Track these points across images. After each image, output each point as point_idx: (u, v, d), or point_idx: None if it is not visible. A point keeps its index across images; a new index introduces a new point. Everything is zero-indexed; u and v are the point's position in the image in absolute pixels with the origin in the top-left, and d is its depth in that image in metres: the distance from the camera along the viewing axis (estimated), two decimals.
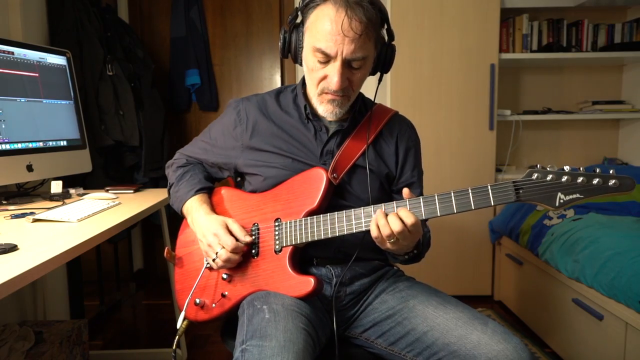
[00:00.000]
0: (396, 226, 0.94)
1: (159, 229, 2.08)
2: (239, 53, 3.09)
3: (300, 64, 1.12)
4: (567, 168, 0.87)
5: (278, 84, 3.12)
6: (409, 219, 0.94)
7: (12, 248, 1.02)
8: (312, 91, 1.11)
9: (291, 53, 1.11)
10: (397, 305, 1.10)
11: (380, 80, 1.16)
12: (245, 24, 3.08)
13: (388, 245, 0.97)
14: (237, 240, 1.08)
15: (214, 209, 1.21)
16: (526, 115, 2.85)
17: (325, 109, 1.10)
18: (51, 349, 1.60)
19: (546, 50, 2.79)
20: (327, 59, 1.03)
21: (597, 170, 0.84)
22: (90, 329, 2.18)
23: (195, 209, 1.17)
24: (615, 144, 3.07)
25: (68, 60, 1.87)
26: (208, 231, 1.10)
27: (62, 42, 2.15)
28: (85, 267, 2.28)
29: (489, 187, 0.91)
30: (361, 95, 1.21)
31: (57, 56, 1.82)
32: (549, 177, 0.87)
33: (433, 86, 2.61)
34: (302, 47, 1.09)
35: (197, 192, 1.21)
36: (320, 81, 1.07)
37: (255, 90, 3.09)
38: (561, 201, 0.86)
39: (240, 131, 1.19)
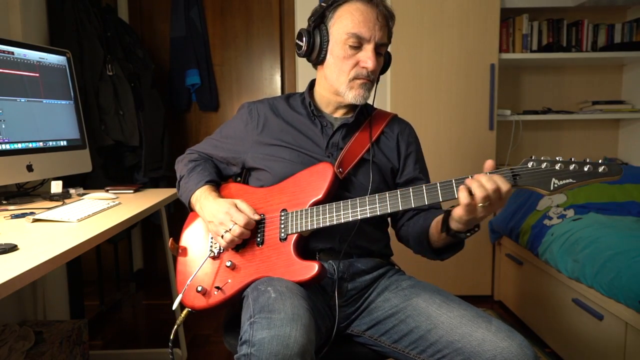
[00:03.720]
0: (490, 185, 0.91)
1: (159, 229, 2.08)
2: (239, 53, 3.09)
3: (321, 62, 1.21)
4: (559, 158, 0.92)
5: (278, 85, 3.12)
6: (505, 185, 0.92)
7: (12, 248, 1.02)
8: (342, 79, 1.18)
9: (315, 50, 1.19)
10: (400, 304, 1.11)
11: (377, 80, 1.24)
12: (245, 25, 3.08)
13: (478, 211, 0.94)
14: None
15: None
16: (526, 115, 2.85)
17: (356, 94, 1.18)
18: (51, 349, 1.61)
19: (546, 50, 2.79)
20: (360, 43, 1.14)
21: (588, 160, 0.91)
22: (90, 329, 2.18)
23: (204, 196, 1.20)
24: (615, 144, 3.07)
25: (68, 60, 1.87)
26: (218, 211, 1.13)
27: (62, 42, 2.15)
28: (85, 267, 2.28)
29: (488, 174, 0.94)
30: None
31: (57, 56, 1.82)
32: (544, 165, 0.92)
33: (433, 86, 2.61)
34: (327, 41, 1.18)
35: (207, 183, 1.24)
36: (352, 67, 1.16)
37: (256, 91, 3.11)
38: (555, 185, 0.91)
39: (252, 128, 1.27)
